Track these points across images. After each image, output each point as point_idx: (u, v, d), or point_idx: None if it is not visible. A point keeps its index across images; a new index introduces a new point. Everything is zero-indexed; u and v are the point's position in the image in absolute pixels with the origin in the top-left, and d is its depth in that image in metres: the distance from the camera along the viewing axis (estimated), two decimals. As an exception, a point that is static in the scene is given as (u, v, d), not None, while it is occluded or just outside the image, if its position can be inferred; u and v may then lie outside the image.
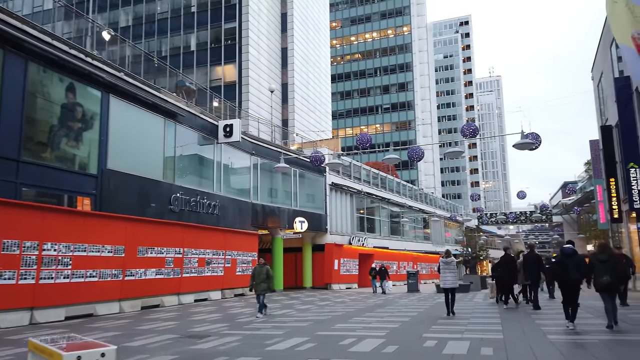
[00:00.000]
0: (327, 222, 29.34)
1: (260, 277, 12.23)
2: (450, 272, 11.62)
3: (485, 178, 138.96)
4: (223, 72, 38.87)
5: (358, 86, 76.26)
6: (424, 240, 49.22)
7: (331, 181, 30.21)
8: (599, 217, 27.53)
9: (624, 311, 11.47)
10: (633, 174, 17.22)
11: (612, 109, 22.15)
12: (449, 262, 11.80)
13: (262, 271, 12.30)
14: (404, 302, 17.36)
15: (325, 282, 28.52)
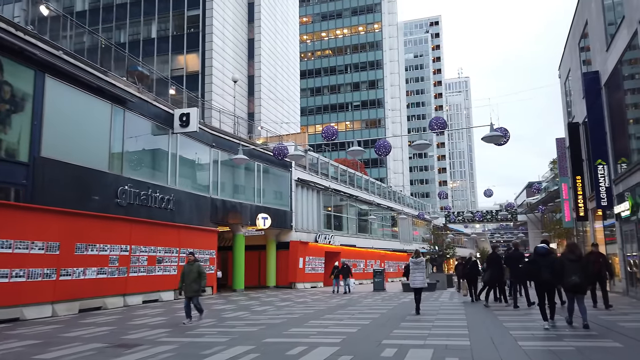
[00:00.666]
0: (292, 219, 28.34)
1: (190, 276, 10.42)
2: (419, 272, 11.67)
3: (453, 177, 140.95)
4: (185, 61, 37.18)
5: (328, 83, 75.47)
6: (392, 239, 48.88)
7: (297, 177, 29.22)
8: (564, 216, 27.56)
9: (594, 312, 10.96)
10: (601, 171, 16.93)
11: (580, 105, 22.00)
12: (418, 262, 11.81)
13: (193, 270, 10.47)
14: (368, 302, 16.57)
15: (289, 281, 27.54)
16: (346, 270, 21.96)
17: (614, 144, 16.77)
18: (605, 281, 11.87)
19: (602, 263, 11.65)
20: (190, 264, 10.61)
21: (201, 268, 10.62)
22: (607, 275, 11.89)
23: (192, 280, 10.36)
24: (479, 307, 13.51)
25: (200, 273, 10.44)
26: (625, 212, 14.80)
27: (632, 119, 15.23)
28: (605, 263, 11.85)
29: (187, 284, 10.42)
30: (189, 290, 10.41)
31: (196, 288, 10.40)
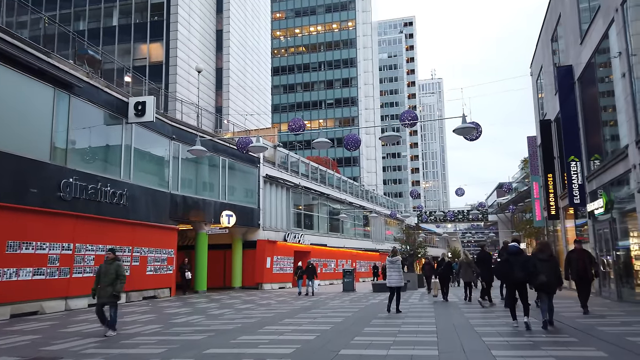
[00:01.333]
0: (260, 217, 27.23)
1: (107, 278, 8.62)
2: (395, 271, 11.77)
3: (426, 178, 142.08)
4: (148, 51, 35.48)
5: (302, 80, 74.42)
6: (364, 238, 48.27)
7: (265, 173, 28.13)
8: (535, 215, 27.37)
9: (572, 315, 10.35)
10: (573, 168, 16.51)
11: (552, 102, 21.68)
12: (394, 261, 11.91)
13: (110, 270, 8.68)
14: (335, 303, 15.68)
15: (256, 282, 26.43)
16: (311, 270, 20.63)
17: (587, 141, 16.38)
18: (591, 282, 10.68)
19: (587, 261, 10.45)
20: (108, 263, 8.83)
21: (120, 269, 8.78)
22: (594, 275, 10.64)
23: (108, 283, 8.60)
24: (450, 308, 12.79)
25: (119, 275, 8.66)
26: (599, 209, 14.37)
27: (606, 114, 14.82)
28: (591, 261, 10.59)
29: (101, 286, 8.65)
30: (103, 294, 8.63)
31: (110, 292, 8.58)
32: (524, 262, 8.34)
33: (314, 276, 20.45)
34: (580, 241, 11.27)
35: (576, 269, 10.38)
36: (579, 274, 10.40)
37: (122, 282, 8.71)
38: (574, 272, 10.47)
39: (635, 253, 12.66)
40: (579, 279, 10.46)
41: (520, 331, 8.15)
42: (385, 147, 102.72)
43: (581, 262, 10.38)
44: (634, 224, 12.28)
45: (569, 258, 10.64)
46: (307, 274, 20.36)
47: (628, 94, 11.35)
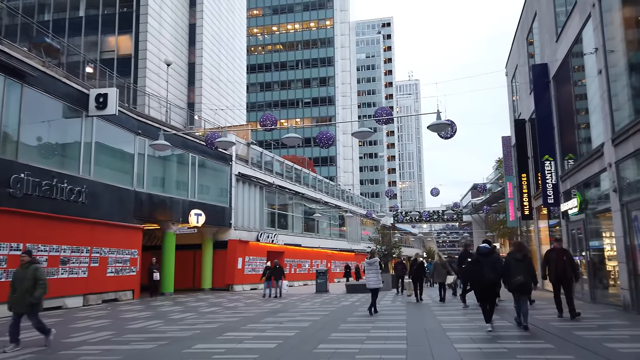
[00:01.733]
0: (231, 217, 26.43)
1: (23, 285, 7.44)
2: (374, 273, 11.75)
3: (402, 178, 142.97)
4: (117, 43, 34.15)
5: (279, 78, 73.58)
6: (340, 238, 47.85)
7: (238, 171, 27.34)
8: (509, 215, 27.37)
9: (548, 318, 10.00)
10: (548, 167, 16.33)
11: (527, 102, 21.60)
12: (372, 262, 11.88)
13: (27, 275, 7.48)
14: (305, 305, 15.09)
15: (227, 283, 25.65)
16: (279, 271, 19.73)
17: (562, 140, 16.22)
18: (572, 283, 9.84)
19: (567, 261, 9.67)
20: (24, 267, 7.61)
21: (38, 272, 7.54)
22: (574, 277, 9.84)
23: (25, 290, 7.39)
24: (422, 310, 12.36)
25: (37, 280, 7.44)
26: (573, 209, 14.18)
27: (581, 112, 14.65)
28: (570, 261, 9.80)
29: (17, 294, 7.45)
30: (19, 303, 7.43)
31: (29, 301, 7.38)
32: (495, 263, 8.22)
33: (282, 277, 19.63)
34: (560, 239, 10.77)
35: (555, 269, 9.70)
36: (557, 274, 9.71)
37: (41, 288, 7.48)
38: (552, 273, 9.78)
39: (608, 254, 12.47)
40: (557, 280, 9.79)
41: (493, 337, 7.72)
42: (362, 147, 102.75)
43: (560, 262, 9.64)
44: (607, 224, 12.07)
45: (547, 257, 10.01)
46: (275, 275, 19.50)
47: (604, 91, 11.11)
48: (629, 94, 10.39)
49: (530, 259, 8.85)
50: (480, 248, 8.60)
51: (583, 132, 14.22)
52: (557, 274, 9.71)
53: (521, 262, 8.19)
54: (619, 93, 10.79)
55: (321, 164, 69.43)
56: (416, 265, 16.65)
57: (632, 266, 10.19)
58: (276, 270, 19.62)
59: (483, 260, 8.26)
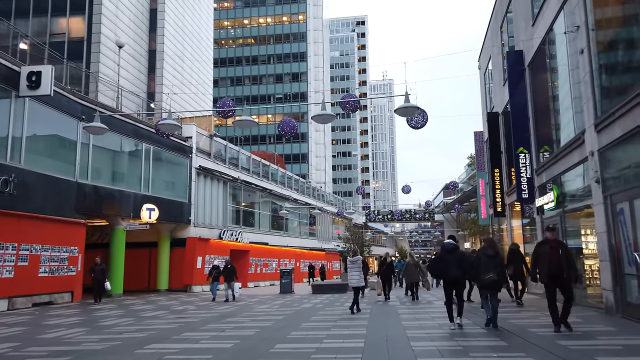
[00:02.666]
0: (190, 213, 24.76)
1: None
2: (356, 271, 11.72)
3: (376, 177, 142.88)
4: (68, 25, 31.84)
5: (250, 73, 71.65)
6: (310, 237, 46.58)
7: (199, 164, 25.68)
8: (480, 213, 26.61)
9: (529, 321, 8.90)
10: (522, 160, 15.41)
11: (500, 94, 20.76)
12: (355, 260, 11.87)
13: None
14: (261, 309, 13.71)
15: (184, 284, 23.98)
16: (229, 271, 17.13)
17: (537, 131, 15.31)
18: (569, 283, 7.63)
19: (563, 256, 7.50)
20: None
21: None
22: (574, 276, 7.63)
23: None
24: (388, 312, 11.14)
25: None
26: (549, 204, 13.23)
27: (558, 100, 13.73)
28: (567, 256, 7.58)
29: None
30: None
31: None
32: (460, 259, 8.08)
33: (233, 278, 17.27)
34: (554, 228, 8.21)
35: (547, 266, 7.52)
36: (551, 273, 7.51)
37: None
38: (544, 271, 7.61)
39: (587, 252, 11.54)
40: (551, 281, 7.58)
41: (464, 348, 6.51)
42: (335, 146, 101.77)
43: (554, 258, 7.47)
44: (588, 220, 11.13)
45: (537, 252, 7.83)
46: (225, 276, 17.19)
47: (586, 72, 10.12)
48: (616, 74, 9.41)
49: (502, 256, 8.59)
50: (445, 244, 8.42)
51: (560, 122, 13.29)
52: (551, 272, 7.52)
53: (492, 259, 7.96)
54: (603, 73, 9.82)
55: (292, 161, 67.96)
56: (385, 264, 16.71)
57: (616, 265, 9.20)
58: (227, 271, 17.18)
59: (448, 256, 8.11)
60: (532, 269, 7.98)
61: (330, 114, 11.42)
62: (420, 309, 12.32)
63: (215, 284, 17.58)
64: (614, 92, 9.48)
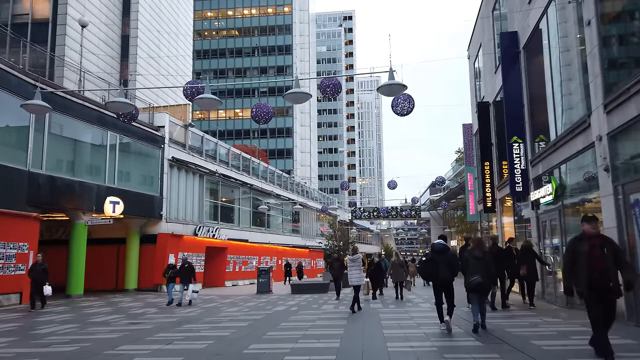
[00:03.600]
0: (162, 207, 23.21)
1: None
2: (356, 269, 11.58)
3: (362, 175, 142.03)
4: (32, 5, 29.83)
5: (234, 65, 69.76)
6: (294, 234, 45.22)
7: (172, 156, 24.10)
8: (469, 209, 25.52)
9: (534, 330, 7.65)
10: (516, 150, 14.22)
11: (491, 83, 19.60)
12: (355, 259, 11.82)
13: None
14: (228, 312, 12.31)
15: (155, 283, 22.41)
16: (186, 271, 14.55)
17: (532, 119, 14.13)
18: (617, 298, 5.47)
19: (611, 254, 5.34)
20: None
21: None
22: (628, 285, 5.29)
23: None
24: (367, 317, 9.83)
25: None
26: (547, 197, 12.05)
27: (556, 84, 12.55)
28: (617, 256, 5.38)
29: None
30: None
31: None
32: (450, 260, 7.84)
33: (191, 279, 14.60)
34: (594, 218, 5.64)
35: (588, 272, 5.33)
36: (593, 282, 5.31)
37: None
38: (584, 281, 5.37)
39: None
40: (597, 295, 5.34)
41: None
42: (322, 142, 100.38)
43: (598, 261, 5.32)
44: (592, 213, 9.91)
45: (574, 251, 5.55)
46: (181, 276, 14.66)
47: (594, 46, 8.89)
48: (630, 45, 8.19)
49: (490, 258, 8.09)
50: (434, 245, 8.11)
51: (560, 106, 12.09)
52: (594, 282, 5.32)
53: (480, 261, 7.65)
54: (614, 45, 8.60)
55: (277, 156, 66.41)
56: (374, 265, 16.53)
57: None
58: (183, 271, 14.63)
59: (438, 258, 7.84)
60: (568, 277, 5.72)
61: (305, 92, 10.06)
62: (404, 313, 11.05)
63: (172, 285, 15.05)
64: (629, 66, 8.27)
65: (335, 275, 15.36)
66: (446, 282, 7.74)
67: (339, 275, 15.33)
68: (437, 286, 7.97)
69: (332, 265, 15.81)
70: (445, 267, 7.68)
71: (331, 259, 15.11)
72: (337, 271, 15.17)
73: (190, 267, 14.79)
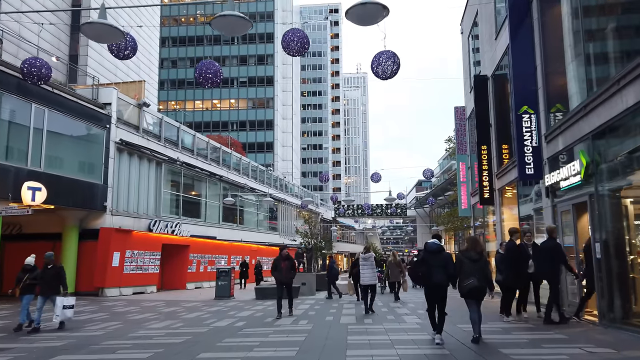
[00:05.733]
0: (106, 197, 19.88)
1: None
2: (369, 268, 11.19)
3: (348, 173, 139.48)
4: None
5: (211, 53, 66.06)
6: (271, 231, 42.08)
7: (120, 138, 20.78)
8: (460, 203, 22.70)
9: None
10: (527, 124, 11.31)
11: (490, 53, 16.73)
12: (367, 257, 11.41)
13: None
14: (155, 328, 9.17)
15: (95, 286, 19.12)
16: (50, 278, 9.59)
17: (547, 85, 11.23)
18: None
19: None
20: None
21: None
22: None
23: None
24: (334, 330, 6.80)
25: None
26: (573, 179, 9.13)
27: (584, 35, 9.64)
28: None
29: None
30: None
31: None
32: (445, 262, 7.09)
33: (59, 288, 9.59)
34: None
35: None
36: None
37: None
38: None
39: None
40: None
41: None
42: (305, 138, 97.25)
43: None
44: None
45: None
46: (42, 285, 9.60)
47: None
48: None
49: (487, 259, 7.84)
50: (428, 245, 7.41)
51: (590, 60, 9.17)
52: None
53: (476, 263, 7.00)
54: None
55: (257, 150, 63.09)
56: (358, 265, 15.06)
57: None
58: (45, 275, 9.61)
59: (431, 258, 7.14)
60: None
61: (241, 16, 6.94)
62: (374, 323, 8.04)
63: (28, 297, 9.62)
64: None
65: (278, 279, 11.01)
66: (440, 286, 7.05)
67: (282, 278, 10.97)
68: (429, 291, 7.26)
69: (275, 267, 11.01)
70: (439, 270, 7.01)
71: (279, 258, 11.12)
72: (286, 274, 10.94)
73: (57, 271, 9.65)
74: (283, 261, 11.08)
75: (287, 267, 11.02)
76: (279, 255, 11.24)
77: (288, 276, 11.04)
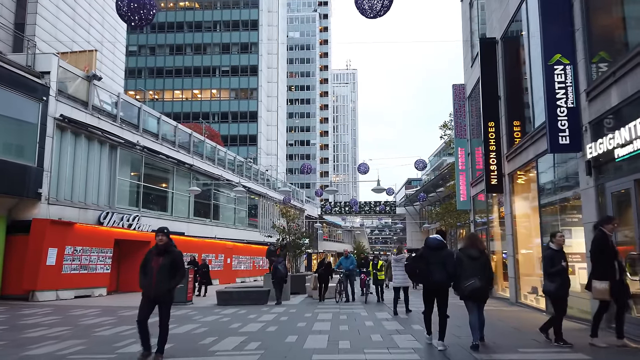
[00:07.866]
0: (42, 183, 16.70)
1: None
2: (401, 270, 11.03)
3: (337, 171, 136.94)
4: None
5: (192, 40, 62.54)
6: (250, 228, 39.07)
7: (60, 113, 17.57)
8: (459, 194, 19.87)
9: None
10: (560, 77, 8.45)
11: (500, 11, 13.92)
12: (399, 259, 11.28)
13: None
14: (37, 354, 6.14)
15: (25, 289, 15.93)
16: None
17: (589, 25, 8.40)
18: None
19: None
20: None
21: None
22: None
23: None
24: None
25: None
26: (638, 142, 6.31)
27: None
28: None
29: None
30: None
31: None
32: (446, 259, 6.53)
33: None
34: None
35: None
36: None
37: None
38: None
39: None
40: None
41: None
42: (293, 134, 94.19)
43: None
44: None
45: None
46: None
47: None
48: None
49: (488, 257, 6.93)
50: (429, 240, 6.82)
51: None
52: None
53: (476, 261, 6.44)
54: None
55: (239, 143, 59.84)
56: (324, 265, 15.67)
57: None
58: None
59: (430, 255, 6.59)
60: None
61: None
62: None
63: None
64: None
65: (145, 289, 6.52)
66: (439, 286, 6.48)
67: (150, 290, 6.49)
68: (427, 291, 6.69)
69: (144, 266, 6.03)
70: (438, 268, 6.45)
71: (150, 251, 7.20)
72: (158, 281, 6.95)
73: None
74: (157, 257, 5.94)
75: (163, 268, 5.86)
76: (153, 247, 6.11)
77: (161, 286, 5.86)
